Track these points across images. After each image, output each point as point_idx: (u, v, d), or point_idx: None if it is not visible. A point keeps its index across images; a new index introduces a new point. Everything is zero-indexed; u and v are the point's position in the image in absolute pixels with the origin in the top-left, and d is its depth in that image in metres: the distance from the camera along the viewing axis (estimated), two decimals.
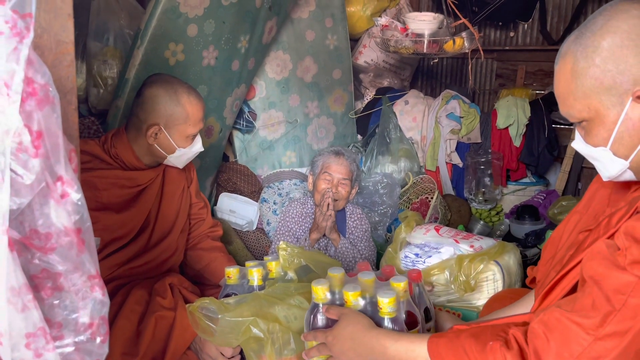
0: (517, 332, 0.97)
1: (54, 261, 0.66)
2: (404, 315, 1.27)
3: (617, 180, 1.03)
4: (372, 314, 1.23)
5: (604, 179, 1.04)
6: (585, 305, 0.88)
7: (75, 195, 0.67)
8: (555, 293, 1.04)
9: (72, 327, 0.70)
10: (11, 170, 0.61)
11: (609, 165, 1.00)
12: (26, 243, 0.64)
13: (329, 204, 2.01)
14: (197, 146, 1.80)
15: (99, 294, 0.71)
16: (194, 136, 1.77)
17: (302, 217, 2.18)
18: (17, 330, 0.64)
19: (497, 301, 1.48)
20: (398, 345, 1.08)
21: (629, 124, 0.94)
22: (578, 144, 1.06)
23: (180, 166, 1.85)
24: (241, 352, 1.58)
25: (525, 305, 1.28)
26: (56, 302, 0.68)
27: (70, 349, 0.70)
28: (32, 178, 0.63)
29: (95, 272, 0.70)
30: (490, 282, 1.77)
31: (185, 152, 1.77)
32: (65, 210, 0.66)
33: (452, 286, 1.74)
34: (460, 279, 1.71)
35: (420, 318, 1.32)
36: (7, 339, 0.63)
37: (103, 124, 2.22)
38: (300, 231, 2.14)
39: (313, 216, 2.16)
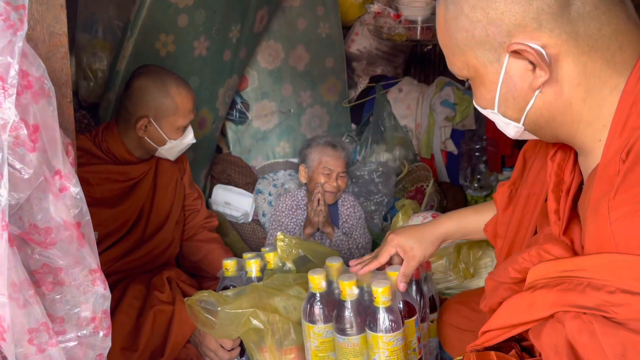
0: None
1: (54, 256, 0.66)
2: (401, 305, 1.27)
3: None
4: (368, 304, 1.23)
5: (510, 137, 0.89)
6: None
7: (73, 188, 0.66)
8: None
9: (75, 321, 0.69)
10: (9, 165, 0.60)
11: (504, 127, 0.86)
12: (26, 238, 0.64)
13: (319, 199, 2.00)
14: (189, 137, 1.78)
15: (101, 287, 0.70)
16: (185, 127, 1.75)
17: (293, 210, 2.17)
18: (20, 326, 0.64)
19: None
20: None
21: (510, 83, 0.78)
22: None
23: (172, 158, 1.84)
24: (241, 344, 1.58)
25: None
26: (58, 297, 0.68)
27: (73, 343, 0.69)
28: (30, 172, 0.62)
29: (96, 266, 0.70)
30: (490, 268, 1.77)
31: (176, 144, 1.76)
32: (64, 204, 0.65)
33: (451, 273, 1.74)
34: (460, 266, 1.72)
35: (417, 307, 1.32)
36: (9, 335, 0.63)
37: (94, 118, 2.20)
38: (292, 224, 2.13)
39: (305, 208, 2.15)
